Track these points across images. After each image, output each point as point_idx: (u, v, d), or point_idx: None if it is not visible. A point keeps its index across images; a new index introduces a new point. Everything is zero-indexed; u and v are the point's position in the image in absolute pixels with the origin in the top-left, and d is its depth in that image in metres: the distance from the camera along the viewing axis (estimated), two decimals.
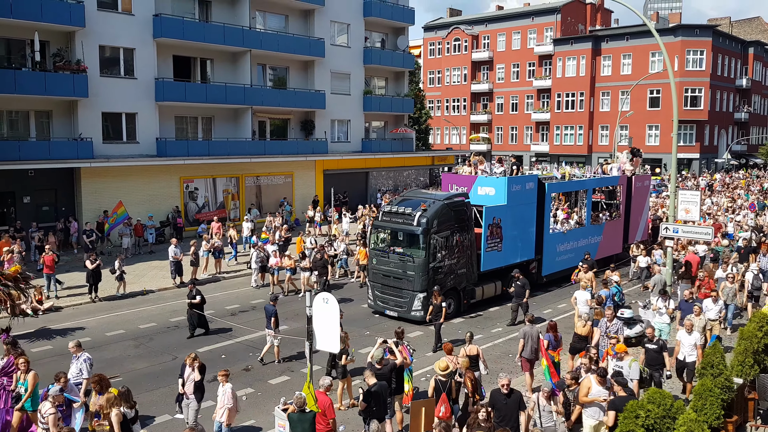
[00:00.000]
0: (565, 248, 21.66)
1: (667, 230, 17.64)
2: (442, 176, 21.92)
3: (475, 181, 20.03)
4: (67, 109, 26.48)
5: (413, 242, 17.13)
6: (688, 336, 12.35)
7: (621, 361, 10.92)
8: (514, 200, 19.28)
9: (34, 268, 22.17)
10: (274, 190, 34.10)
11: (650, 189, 27.30)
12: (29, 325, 17.17)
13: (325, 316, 9.47)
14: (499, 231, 18.90)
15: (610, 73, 60.45)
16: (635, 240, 24.36)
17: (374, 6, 38.24)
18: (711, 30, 57.81)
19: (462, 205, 18.02)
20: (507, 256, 19.36)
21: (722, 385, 9.46)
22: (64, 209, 26.54)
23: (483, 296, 18.82)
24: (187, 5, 30.41)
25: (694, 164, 58.25)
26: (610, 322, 12.77)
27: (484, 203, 18.92)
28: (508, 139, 69.28)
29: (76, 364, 11.10)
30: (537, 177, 21.03)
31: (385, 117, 42.01)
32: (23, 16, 23.76)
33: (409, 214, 17.22)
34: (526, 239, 20.09)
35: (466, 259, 17.97)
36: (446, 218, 17.31)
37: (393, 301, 17.53)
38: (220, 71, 31.71)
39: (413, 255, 16.98)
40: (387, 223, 17.92)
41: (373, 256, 18.17)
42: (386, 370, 10.60)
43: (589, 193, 23.33)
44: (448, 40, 71.35)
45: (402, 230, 17.43)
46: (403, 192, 23.92)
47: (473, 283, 18.41)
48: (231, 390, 10.16)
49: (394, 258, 17.42)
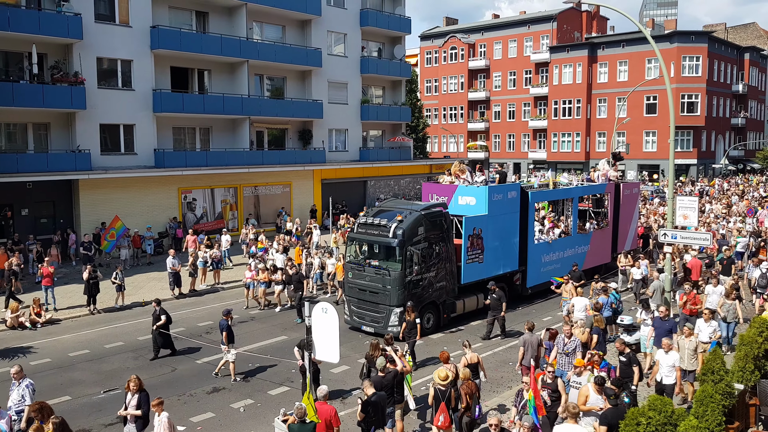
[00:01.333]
0: (551, 259, 21.04)
1: (666, 236, 17.64)
2: (423, 186, 21.19)
3: (456, 190, 19.37)
4: (65, 121, 26.51)
5: (389, 255, 16.55)
6: (666, 356, 11.42)
7: (579, 377, 10.36)
8: (495, 210, 18.66)
9: (32, 281, 22.19)
10: (272, 200, 34.11)
11: (639, 196, 26.64)
12: (28, 338, 17.11)
13: (325, 326, 9.44)
14: (480, 242, 18.23)
15: (607, 79, 60.69)
16: (625, 249, 23.67)
17: (371, 16, 38.42)
18: (707, 36, 58.10)
19: (440, 215, 17.33)
20: (489, 268, 18.68)
21: (723, 391, 9.42)
22: (63, 221, 26.51)
23: (464, 310, 18.15)
24: (184, 16, 30.53)
25: (691, 170, 58.37)
26: (568, 338, 11.99)
27: (464, 213, 18.30)
28: (505, 146, 69.43)
29: (18, 390, 10.18)
30: (520, 186, 20.38)
31: (383, 126, 42.11)
32: (21, 29, 23.84)
33: (385, 225, 16.57)
34: (509, 250, 19.44)
35: (446, 272, 17.29)
36: (423, 229, 16.64)
37: (369, 317, 16.77)
38: (218, 82, 31.79)
39: (389, 268, 16.32)
40: (362, 235, 17.25)
41: (348, 270, 17.52)
42: (389, 378, 10.52)
43: (575, 201, 22.70)
44: (444, 49, 71.64)
45: (377, 242, 16.82)
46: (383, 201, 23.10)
47: (453, 297, 17.73)
48: (167, 419, 9.34)
49: (370, 271, 16.72)
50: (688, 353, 11.84)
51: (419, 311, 15.89)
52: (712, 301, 15.77)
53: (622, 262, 21.73)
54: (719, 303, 15.49)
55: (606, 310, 15.63)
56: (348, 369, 14.44)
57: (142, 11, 28.02)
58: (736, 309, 15.31)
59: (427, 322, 16.68)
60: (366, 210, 25.14)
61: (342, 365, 14.27)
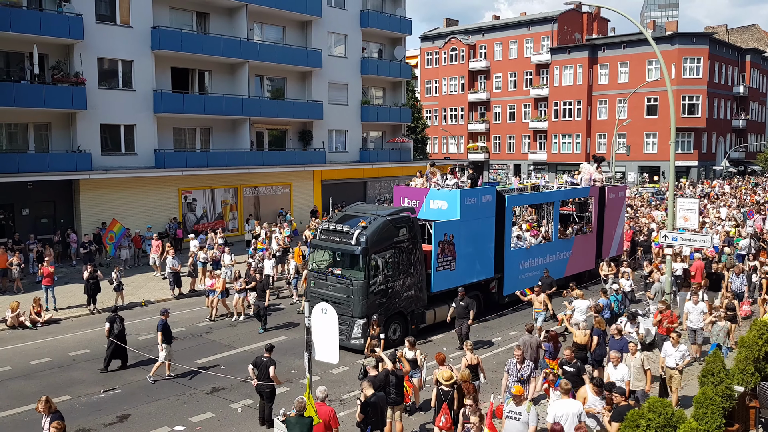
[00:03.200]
0: (530, 265, 20.12)
1: (666, 238, 17.64)
2: (394, 189, 20.10)
3: (427, 194, 18.44)
4: (66, 122, 26.53)
5: (352, 263, 15.69)
6: (615, 370, 10.96)
7: (518, 407, 9.33)
8: (468, 214, 17.78)
9: (32, 281, 22.21)
10: (272, 200, 34.12)
11: (626, 200, 25.60)
12: (28, 338, 17.13)
13: (324, 327, 9.45)
14: (452, 248, 17.36)
15: (607, 81, 60.71)
16: (610, 255, 22.85)
17: (371, 17, 38.43)
18: (708, 38, 58.12)
19: (407, 221, 16.40)
20: (462, 276, 17.70)
21: (723, 393, 9.41)
22: (63, 221, 26.52)
23: (435, 320, 17.17)
24: (185, 17, 30.55)
25: (692, 172, 58.37)
26: (521, 364, 10.93)
27: (436, 218, 17.52)
28: (505, 147, 69.44)
29: None
30: (495, 189, 19.42)
31: (383, 127, 42.12)
32: (22, 29, 23.85)
33: (347, 232, 15.69)
34: (484, 256, 18.57)
35: (414, 280, 16.43)
36: (389, 236, 15.78)
37: None
38: (218, 82, 31.81)
39: (352, 277, 15.46)
40: (325, 242, 16.43)
41: (311, 279, 16.66)
42: (381, 376, 10.55)
43: (556, 205, 21.67)
44: (445, 50, 71.67)
45: (340, 250, 15.99)
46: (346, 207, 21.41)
47: (423, 306, 16.84)
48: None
49: (332, 280, 15.88)
50: (634, 371, 11.29)
51: (385, 322, 15.32)
52: (692, 320, 14.66)
53: (604, 270, 20.39)
54: (704, 322, 14.29)
55: (605, 312, 15.62)
56: (347, 370, 14.45)
57: (143, 12, 28.04)
58: (730, 331, 13.92)
59: (394, 333, 15.86)
60: (330, 215, 24.30)
61: (341, 366, 14.28)
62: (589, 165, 23.99)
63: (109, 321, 14.54)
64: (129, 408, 12.57)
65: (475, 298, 18.08)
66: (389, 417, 10.67)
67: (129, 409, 12.54)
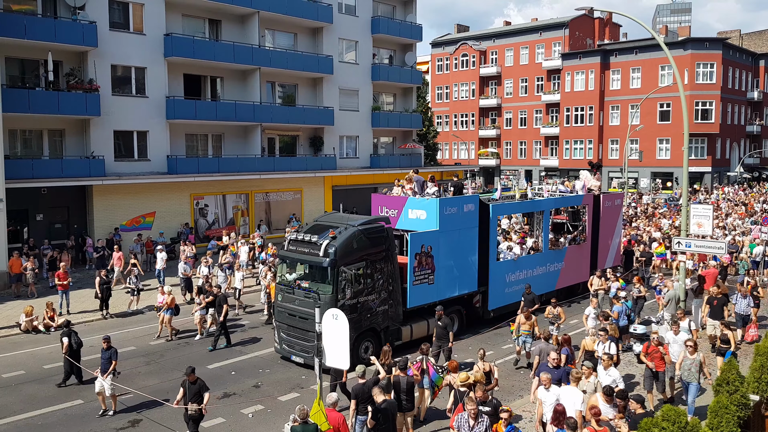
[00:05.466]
0: (517, 278, 19.00)
1: (680, 244, 17.49)
2: (372, 197, 18.97)
3: (405, 203, 17.35)
4: (80, 128, 26.80)
5: (319, 276, 14.68)
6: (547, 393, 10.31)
7: None
8: (448, 225, 16.77)
9: (46, 285, 22.40)
10: (283, 206, 34.22)
11: (622, 208, 24.50)
12: (42, 342, 17.26)
13: (335, 333, 9.45)
14: (430, 261, 16.33)
15: (620, 86, 60.44)
16: (606, 266, 21.85)
17: (382, 23, 38.55)
18: (721, 43, 57.74)
19: (381, 231, 15.37)
20: (441, 290, 16.71)
21: (738, 402, 9.30)
22: (77, 226, 26.76)
23: (412, 336, 16.04)
24: (197, 24, 30.81)
25: (706, 177, 57.89)
26: (474, 420, 9.07)
27: (415, 228, 16.57)
28: (517, 153, 69.27)
29: None
30: (478, 198, 18.48)
31: (394, 133, 42.17)
32: (37, 36, 24.15)
33: (315, 242, 14.72)
34: (467, 269, 17.52)
35: (388, 295, 15.38)
36: (360, 247, 14.79)
37: (299, 346, 14.86)
38: (230, 89, 32.01)
39: (319, 291, 14.46)
40: (292, 253, 15.37)
41: (278, 292, 15.67)
42: (369, 383, 10.50)
43: (546, 214, 20.60)
44: (456, 56, 71.72)
45: (307, 261, 14.96)
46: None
47: (399, 322, 15.72)
48: None
49: (300, 294, 14.90)
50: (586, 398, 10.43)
51: (355, 339, 14.38)
52: (674, 353, 12.80)
53: (594, 283, 18.85)
54: (679, 359, 12.28)
55: (621, 319, 15.51)
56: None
57: (156, 19, 28.31)
58: (701, 365, 11.88)
59: (366, 351, 14.95)
60: (299, 225, 23.06)
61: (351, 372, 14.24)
62: (588, 172, 23.34)
63: (66, 336, 13.92)
64: (141, 413, 12.63)
65: (457, 314, 17.39)
66: (400, 424, 10.65)
67: (141, 413, 12.60)
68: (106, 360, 12.62)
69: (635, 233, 28.03)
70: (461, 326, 17.57)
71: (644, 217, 36.59)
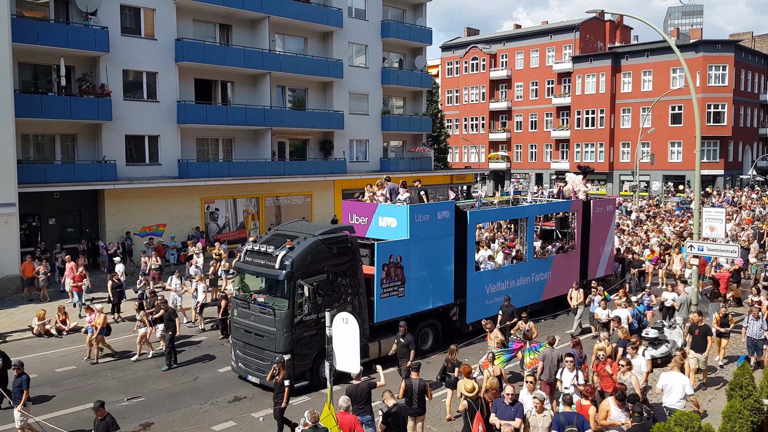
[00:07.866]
0: (498, 289, 18.00)
1: (692, 248, 17.35)
2: (342, 204, 18.20)
3: (376, 210, 16.39)
4: (92, 132, 27.02)
5: (276, 290, 13.64)
6: None
7: None
8: (420, 233, 15.75)
9: (58, 289, 22.57)
10: (293, 210, 34.31)
11: (615, 214, 23.31)
12: (53, 345, 17.37)
13: (345, 336, 9.46)
14: (400, 272, 15.34)
15: (631, 89, 60.11)
16: (597, 275, 21.01)
17: (392, 27, 38.62)
18: (733, 45, 57.30)
19: (344, 240, 14.32)
20: (413, 303, 15.73)
21: (752, 407, 9.20)
22: (88, 230, 26.97)
23: (380, 354, 14.85)
24: (208, 29, 31.00)
25: (718, 180, 57.43)
26: None
27: (386, 237, 15.63)
28: (527, 157, 69.06)
29: None
30: (453, 204, 17.46)
31: (404, 136, 42.18)
32: (50, 42, 24.38)
33: (271, 254, 13.75)
34: (442, 280, 16.51)
35: (352, 309, 13.94)
36: (320, 258, 13.78)
37: (255, 364, 13.86)
38: (241, 93, 32.17)
39: (275, 306, 13.47)
40: (248, 265, 14.42)
41: (234, 307, 14.70)
42: (363, 386, 10.45)
43: (530, 221, 19.57)
44: (465, 60, 71.68)
45: (263, 274, 13.95)
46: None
47: (365, 338, 14.23)
48: None
49: (255, 309, 13.90)
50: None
51: (314, 357, 13.62)
52: (632, 382, 11.02)
53: (574, 297, 17.90)
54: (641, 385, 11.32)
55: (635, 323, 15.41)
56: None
57: (167, 24, 28.52)
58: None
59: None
60: (258, 235, 21.41)
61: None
62: (575, 176, 22.30)
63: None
64: (152, 416, 12.68)
65: (432, 328, 16.59)
66: (411, 428, 10.61)
67: (152, 417, 12.65)
68: (17, 388, 11.49)
69: (630, 239, 26.74)
70: (436, 341, 16.67)
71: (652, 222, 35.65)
